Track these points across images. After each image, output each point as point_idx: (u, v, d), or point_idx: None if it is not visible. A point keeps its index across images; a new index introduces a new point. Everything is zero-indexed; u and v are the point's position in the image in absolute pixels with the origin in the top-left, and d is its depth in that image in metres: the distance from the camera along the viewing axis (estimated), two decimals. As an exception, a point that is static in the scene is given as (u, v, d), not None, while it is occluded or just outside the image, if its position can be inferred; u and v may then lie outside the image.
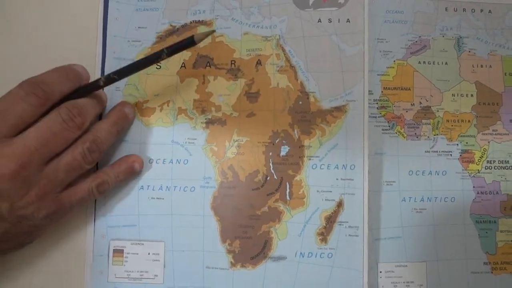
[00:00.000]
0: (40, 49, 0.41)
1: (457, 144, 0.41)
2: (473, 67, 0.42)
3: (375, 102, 0.41)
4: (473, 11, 0.43)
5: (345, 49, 0.40)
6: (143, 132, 0.40)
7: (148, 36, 0.41)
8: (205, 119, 0.40)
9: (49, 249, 0.39)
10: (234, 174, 0.39)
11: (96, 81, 0.36)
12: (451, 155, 0.41)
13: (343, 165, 0.39)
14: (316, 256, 0.38)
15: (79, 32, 0.42)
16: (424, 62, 0.42)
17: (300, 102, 0.40)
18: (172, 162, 0.40)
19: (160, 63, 0.41)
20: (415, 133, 0.41)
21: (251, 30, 0.41)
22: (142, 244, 0.39)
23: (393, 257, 0.39)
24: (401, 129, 0.41)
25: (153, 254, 0.39)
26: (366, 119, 0.39)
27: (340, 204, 0.39)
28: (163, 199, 0.39)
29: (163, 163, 0.40)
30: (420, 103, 0.41)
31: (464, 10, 0.43)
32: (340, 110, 0.40)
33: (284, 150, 0.40)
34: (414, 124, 0.41)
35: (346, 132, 0.39)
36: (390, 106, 0.41)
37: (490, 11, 0.43)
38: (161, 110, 0.40)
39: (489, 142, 0.41)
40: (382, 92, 0.41)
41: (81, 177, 0.36)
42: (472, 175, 0.41)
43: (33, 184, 0.32)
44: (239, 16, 0.42)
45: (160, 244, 0.39)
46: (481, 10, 0.43)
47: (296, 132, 0.40)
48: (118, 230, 0.39)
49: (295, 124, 0.40)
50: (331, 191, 0.39)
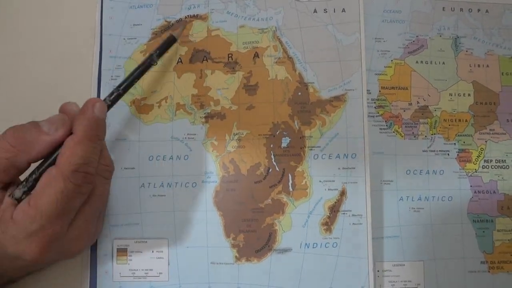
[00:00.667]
0: (38, 49, 0.41)
1: (455, 144, 0.41)
2: (470, 66, 0.42)
3: (373, 101, 0.41)
4: (470, 11, 0.43)
5: (342, 38, 0.40)
6: (142, 129, 0.40)
7: (144, 33, 0.41)
8: (204, 113, 0.40)
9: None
10: (236, 168, 0.39)
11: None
12: (448, 154, 0.41)
13: (344, 154, 0.39)
14: (321, 246, 0.38)
15: (77, 32, 0.42)
16: (421, 62, 0.42)
17: (299, 93, 0.40)
18: (172, 159, 0.40)
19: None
20: (413, 133, 0.41)
21: (247, 23, 0.41)
22: (146, 242, 0.39)
23: (390, 256, 0.39)
24: (398, 128, 0.41)
25: (157, 251, 0.39)
26: (365, 107, 0.40)
27: (343, 193, 0.39)
28: (164, 196, 0.39)
29: (163, 159, 0.40)
30: (418, 102, 0.41)
31: (461, 10, 0.43)
32: (339, 99, 0.40)
33: (285, 142, 0.40)
34: (412, 124, 0.41)
35: (346, 121, 0.39)
36: (387, 106, 0.41)
37: (487, 11, 0.43)
38: (159, 107, 0.40)
39: (486, 141, 0.41)
40: (379, 91, 0.41)
41: None
42: (469, 175, 0.41)
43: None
44: (234, 9, 0.41)
45: (164, 241, 0.39)
46: (478, 10, 0.43)
47: (296, 123, 0.40)
48: (121, 229, 0.39)
49: (295, 115, 0.40)
50: (333, 181, 0.39)
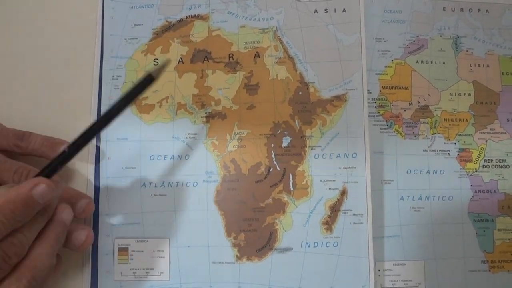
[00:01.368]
0: (39, 49, 0.41)
1: (455, 143, 0.41)
2: (471, 66, 0.42)
3: (373, 101, 0.41)
4: (470, 11, 0.43)
5: (342, 38, 0.41)
6: (143, 129, 0.40)
7: (145, 33, 0.41)
8: (205, 113, 0.40)
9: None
10: (237, 167, 0.39)
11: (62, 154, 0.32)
12: (449, 154, 0.41)
13: (345, 154, 0.39)
14: (322, 246, 0.38)
15: (78, 32, 0.42)
16: (422, 62, 0.42)
17: (300, 93, 0.40)
18: (173, 158, 0.40)
19: (157, 58, 0.41)
20: (413, 132, 0.41)
21: (248, 23, 0.41)
22: (147, 241, 0.39)
23: (391, 256, 0.39)
24: (399, 128, 0.41)
25: (158, 251, 0.39)
26: (366, 107, 0.40)
27: (343, 193, 0.39)
28: (165, 195, 0.39)
29: (164, 159, 0.40)
30: (418, 102, 0.41)
31: (461, 9, 0.43)
32: (340, 99, 0.40)
33: (286, 141, 0.40)
34: (412, 123, 0.41)
35: (347, 120, 0.40)
36: (388, 105, 0.41)
37: (487, 11, 0.43)
38: (160, 106, 0.40)
39: (486, 141, 0.41)
40: (380, 91, 0.41)
41: None
42: (469, 174, 0.41)
43: None
44: (235, 9, 0.42)
45: (165, 240, 0.39)
46: (479, 10, 0.43)
47: (297, 123, 0.40)
48: (122, 228, 0.39)
49: (295, 114, 0.40)
50: (334, 180, 0.39)
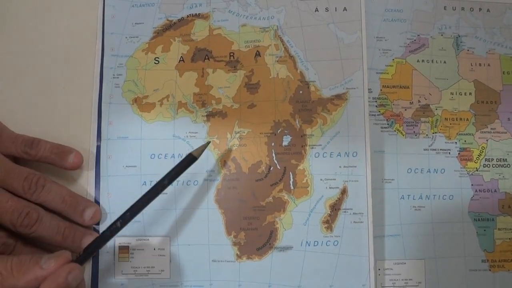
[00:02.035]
0: (39, 48, 0.41)
1: (456, 142, 0.41)
2: (472, 65, 0.42)
3: (374, 100, 0.41)
4: (471, 10, 0.43)
5: (343, 37, 0.41)
6: (143, 127, 0.40)
7: (145, 32, 0.41)
8: (206, 112, 0.40)
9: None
10: (237, 166, 0.39)
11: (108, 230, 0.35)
12: (449, 153, 0.41)
13: (346, 153, 0.39)
14: (322, 245, 0.38)
15: (77, 31, 0.42)
16: (422, 61, 0.42)
17: (301, 92, 0.40)
18: (174, 157, 0.40)
19: (158, 57, 0.41)
20: (414, 131, 0.41)
21: (249, 22, 0.41)
22: (147, 239, 0.39)
23: (391, 255, 0.39)
24: (400, 127, 0.41)
25: (158, 249, 0.39)
26: (367, 106, 0.40)
27: (344, 192, 0.39)
28: (166, 194, 0.39)
29: (165, 158, 0.40)
30: (419, 101, 0.41)
31: (462, 9, 0.43)
32: (340, 98, 0.40)
33: (286, 140, 0.40)
34: (413, 122, 0.41)
35: (347, 119, 0.40)
36: (389, 104, 0.41)
37: (488, 10, 0.43)
38: (161, 105, 0.40)
39: (487, 140, 0.41)
40: (381, 90, 0.41)
41: None
42: (470, 173, 0.41)
43: None
44: (236, 8, 0.42)
45: (165, 239, 0.39)
46: (480, 9, 0.43)
47: (297, 122, 0.40)
48: (122, 227, 0.39)
49: (296, 113, 0.40)
50: (334, 179, 0.39)
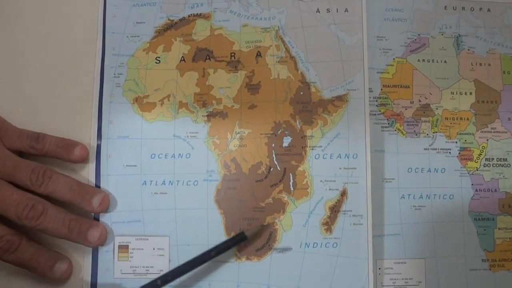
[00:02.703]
0: (40, 47, 0.41)
1: (456, 142, 0.41)
2: (472, 65, 0.42)
3: (375, 99, 0.41)
4: (472, 9, 0.43)
5: (344, 38, 0.40)
6: (144, 127, 0.40)
7: (147, 31, 0.41)
8: (207, 112, 0.40)
9: (54, 248, 0.39)
10: (237, 167, 0.39)
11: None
12: (450, 152, 0.41)
13: (346, 154, 0.39)
14: (321, 246, 0.38)
15: (79, 30, 0.42)
16: (423, 60, 0.42)
17: (301, 93, 0.40)
18: (174, 157, 0.40)
19: (159, 57, 0.41)
20: (414, 131, 0.41)
21: (250, 22, 0.41)
22: (147, 239, 0.39)
23: (392, 254, 0.39)
24: (400, 127, 0.41)
25: (158, 249, 0.39)
26: (367, 108, 0.39)
27: (343, 193, 0.39)
28: (166, 193, 0.39)
29: (165, 157, 0.40)
30: (419, 100, 0.41)
31: (463, 8, 0.43)
32: (341, 99, 0.40)
33: (287, 141, 0.40)
34: (413, 122, 0.41)
35: (348, 121, 0.39)
36: (389, 104, 0.41)
37: (489, 10, 0.43)
38: (161, 105, 0.40)
39: (487, 140, 0.41)
40: (381, 89, 0.41)
41: None
42: (470, 173, 0.41)
43: None
44: (237, 8, 0.42)
45: (165, 239, 0.39)
46: (480, 9, 0.43)
47: (298, 123, 0.40)
48: (122, 226, 0.39)
49: (297, 114, 0.40)
50: (334, 181, 0.39)
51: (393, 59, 0.42)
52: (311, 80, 0.40)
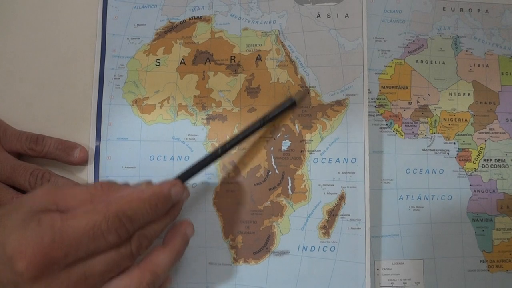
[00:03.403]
0: (40, 48, 0.41)
1: (454, 143, 0.41)
2: (470, 66, 0.42)
3: (373, 100, 0.41)
4: (470, 10, 0.43)
5: (344, 43, 0.41)
6: (143, 129, 0.40)
7: (147, 33, 0.42)
8: (206, 115, 0.40)
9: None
10: (236, 170, 0.39)
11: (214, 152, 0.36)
12: (448, 153, 0.41)
13: (344, 159, 0.39)
14: (319, 250, 0.39)
15: (79, 31, 0.42)
16: (421, 61, 0.42)
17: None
18: (173, 159, 0.40)
19: (159, 59, 0.41)
20: (413, 132, 0.41)
21: (251, 26, 0.41)
22: (145, 241, 0.39)
23: (390, 255, 0.39)
24: (398, 128, 0.41)
25: (155, 251, 0.39)
26: (366, 113, 0.40)
27: (342, 198, 0.39)
28: (165, 195, 0.39)
29: (164, 159, 0.40)
30: (418, 101, 0.41)
31: (461, 9, 0.43)
32: (340, 104, 0.40)
33: (286, 145, 0.40)
34: (412, 123, 0.41)
35: (347, 126, 0.40)
36: (388, 105, 0.41)
37: (487, 11, 0.43)
38: (161, 107, 0.40)
39: (485, 140, 0.41)
40: (380, 90, 0.41)
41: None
42: (469, 174, 0.41)
43: None
44: (238, 12, 0.42)
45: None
46: (478, 10, 0.43)
47: (297, 127, 0.40)
48: (120, 228, 0.39)
49: (296, 118, 0.40)
50: (332, 185, 0.39)
51: (392, 60, 0.42)
52: (310, 85, 0.40)
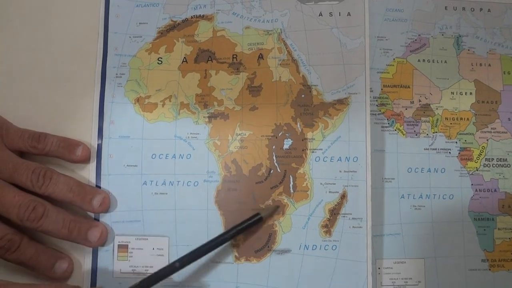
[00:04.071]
0: (42, 46, 0.41)
1: (456, 142, 0.41)
2: (472, 65, 0.42)
3: (375, 99, 0.41)
4: (472, 10, 0.43)
5: (346, 42, 0.41)
6: (145, 127, 0.40)
7: (149, 32, 0.42)
8: (208, 113, 0.40)
9: (55, 247, 0.39)
10: (238, 168, 0.40)
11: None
12: (450, 152, 0.41)
13: (346, 157, 0.39)
14: (320, 249, 0.39)
15: (80, 30, 0.42)
16: (423, 60, 0.42)
17: (303, 95, 0.40)
18: (175, 157, 0.40)
19: (161, 58, 0.41)
20: (414, 131, 0.41)
21: (253, 24, 0.41)
22: (147, 239, 0.39)
23: (391, 254, 0.39)
24: (400, 127, 0.41)
25: (157, 249, 0.39)
26: (368, 111, 0.40)
27: (343, 196, 0.39)
28: (166, 194, 0.39)
29: (166, 158, 0.40)
30: (420, 101, 0.41)
31: (463, 9, 0.43)
32: (342, 102, 0.40)
33: (287, 143, 0.40)
34: (413, 122, 0.41)
35: (349, 124, 0.40)
36: (389, 104, 0.41)
37: (489, 10, 0.43)
38: (163, 105, 0.40)
39: (487, 140, 0.41)
40: (381, 89, 0.41)
41: None
42: (470, 173, 0.41)
43: None
44: (240, 10, 0.42)
45: (164, 239, 0.39)
46: (480, 9, 0.43)
47: (299, 125, 0.40)
48: (122, 226, 0.39)
49: (298, 117, 0.40)
50: (334, 184, 0.39)
51: (394, 59, 0.42)
52: (312, 83, 0.40)
